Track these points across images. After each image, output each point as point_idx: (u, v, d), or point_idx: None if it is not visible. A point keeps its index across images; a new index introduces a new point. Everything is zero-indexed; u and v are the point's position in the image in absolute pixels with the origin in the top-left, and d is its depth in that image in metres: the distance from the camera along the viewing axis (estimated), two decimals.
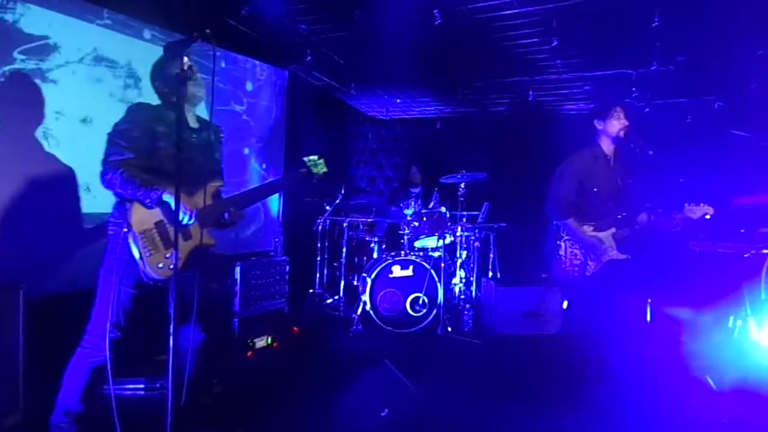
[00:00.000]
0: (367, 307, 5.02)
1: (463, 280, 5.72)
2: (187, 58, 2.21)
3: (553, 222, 3.48)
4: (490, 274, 5.88)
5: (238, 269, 4.49)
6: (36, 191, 3.71)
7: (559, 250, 3.42)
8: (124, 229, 2.38)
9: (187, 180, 2.42)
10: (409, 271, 5.14)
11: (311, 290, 6.05)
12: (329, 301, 5.84)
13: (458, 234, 5.55)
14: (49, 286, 3.60)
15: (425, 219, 5.43)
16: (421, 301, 5.07)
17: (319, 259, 6.07)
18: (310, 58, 5.52)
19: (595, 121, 3.45)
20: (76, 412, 2.48)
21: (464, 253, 5.70)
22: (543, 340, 4.82)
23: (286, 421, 3.08)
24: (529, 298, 5.00)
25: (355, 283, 5.68)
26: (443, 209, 5.47)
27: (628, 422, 3.05)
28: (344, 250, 5.79)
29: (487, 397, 3.50)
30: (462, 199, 5.49)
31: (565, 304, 4.95)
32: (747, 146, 4.08)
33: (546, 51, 4.94)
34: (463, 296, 5.68)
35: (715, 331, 3.80)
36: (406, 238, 5.47)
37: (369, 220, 6.08)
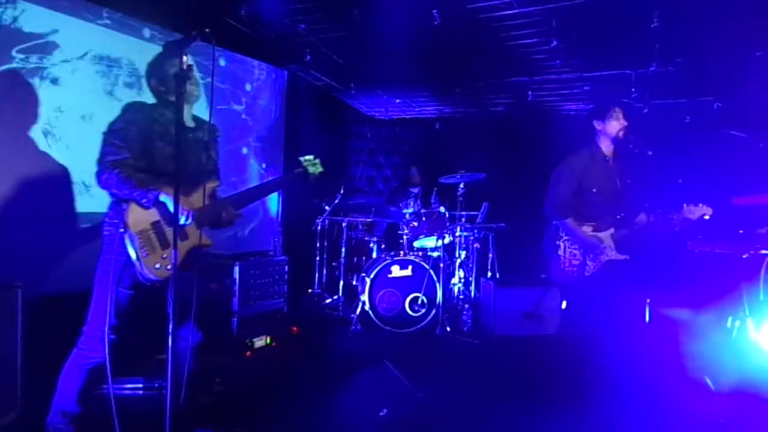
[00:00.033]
0: (366, 307, 5.01)
1: (462, 280, 5.73)
2: (186, 57, 2.19)
3: (552, 222, 3.48)
4: (489, 274, 5.89)
5: (237, 269, 4.48)
6: (34, 190, 3.70)
7: (558, 250, 3.42)
8: (120, 230, 2.36)
9: (183, 180, 2.39)
10: (408, 271, 5.14)
11: (310, 290, 6.05)
12: (328, 300, 5.83)
13: (457, 234, 5.56)
14: (48, 286, 3.60)
15: (424, 219, 5.43)
16: (420, 301, 5.07)
17: (318, 258, 6.07)
18: (309, 58, 5.52)
19: (594, 122, 3.45)
20: (73, 413, 2.47)
21: (463, 253, 5.70)
22: (542, 340, 4.83)
23: (286, 420, 3.08)
24: (527, 298, 5.01)
25: (354, 282, 5.68)
26: (442, 209, 5.48)
27: (627, 422, 3.05)
28: (343, 249, 5.80)
29: (486, 396, 3.50)
30: (461, 199, 5.49)
31: (564, 305, 4.96)
32: (746, 147, 4.08)
33: (545, 51, 4.94)
34: (461, 296, 5.69)
35: (714, 332, 3.80)
36: (405, 238, 5.47)
37: (368, 220, 6.07)
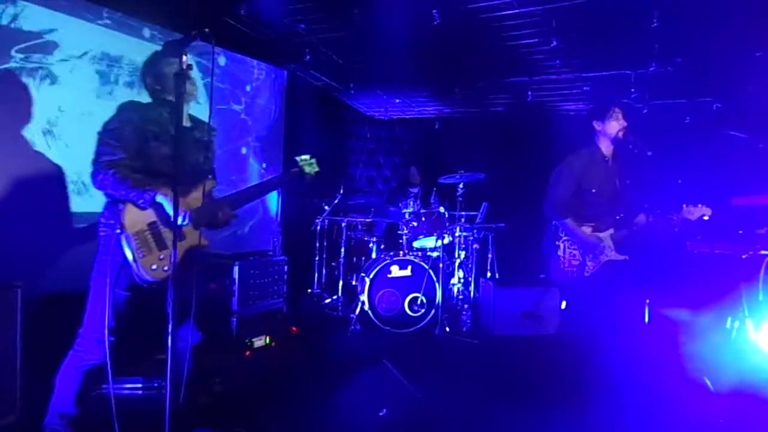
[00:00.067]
0: (366, 307, 5.01)
1: (462, 281, 5.73)
2: (186, 57, 2.18)
3: (552, 222, 3.48)
4: (489, 275, 5.89)
5: (236, 269, 4.48)
6: (34, 190, 3.70)
7: (557, 250, 3.42)
8: (116, 231, 2.33)
9: (180, 180, 2.36)
10: (407, 271, 5.14)
11: (309, 290, 6.05)
12: (328, 300, 5.83)
13: (457, 234, 5.56)
14: (47, 286, 3.59)
15: (424, 219, 5.42)
16: (419, 301, 5.07)
17: (317, 258, 6.07)
18: (308, 58, 5.52)
19: (594, 122, 3.45)
20: (71, 415, 2.44)
21: (462, 254, 5.70)
22: (541, 340, 4.82)
23: (285, 420, 3.08)
24: (527, 299, 5.01)
25: (354, 283, 5.68)
26: (442, 209, 5.48)
27: (626, 423, 3.05)
28: (343, 249, 5.79)
29: (485, 397, 3.50)
30: (460, 200, 5.48)
31: (564, 305, 4.96)
32: (745, 147, 4.08)
33: (545, 51, 4.94)
34: (461, 296, 5.69)
35: (713, 333, 3.81)
36: (404, 238, 5.47)
37: (367, 220, 6.07)
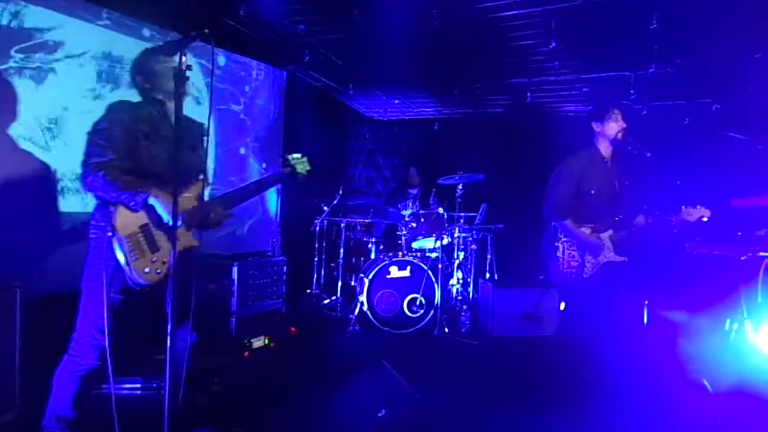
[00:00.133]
0: (365, 308, 5.01)
1: (461, 281, 5.73)
2: (185, 57, 2.17)
3: (551, 224, 3.48)
4: (488, 276, 5.89)
5: (235, 269, 4.47)
6: (33, 190, 3.70)
7: (556, 251, 3.42)
8: (108, 234, 2.27)
9: (171, 179, 2.31)
10: (406, 272, 5.14)
11: (308, 290, 6.05)
12: (326, 301, 5.83)
13: (456, 235, 5.56)
14: (47, 286, 3.59)
15: (423, 220, 5.43)
16: (418, 302, 5.06)
17: (316, 259, 6.07)
18: (308, 59, 5.52)
19: (593, 123, 3.45)
20: (69, 419, 2.41)
21: (461, 254, 5.71)
22: (540, 341, 4.83)
23: (284, 420, 3.08)
24: (526, 300, 5.01)
25: (353, 283, 5.68)
26: (441, 210, 5.48)
27: (625, 424, 3.05)
28: (342, 250, 5.79)
29: (484, 398, 3.50)
30: (459, 201, 5.48)
31: (563, 306, 4.96)
32: (744, 149, 4.09)
33: (544, 52, 4.94)
34: (460, 297, 5.69)
35: (712, 334, 3.81)
36: (403, 238, 5.47)
37: (366, 221, 6.07)
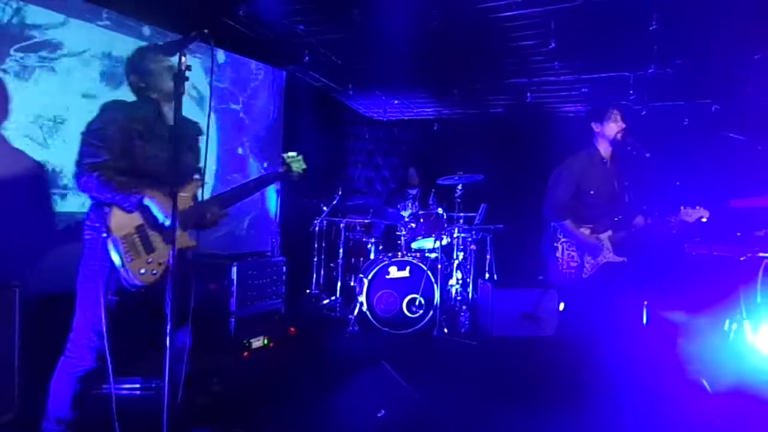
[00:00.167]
0: (364, 308, 5.01)
1: (460, 282, 5.73)
2: (185, 58, 2.16)
3: (551, 224, 3.48)
4: (487, 276, 5.89)
5: (234, 269, 4.47)
6: (32, 189, 3.70)
7: (555, 252, 3.42)
8: (103, 235, 2.25)
9: (167, 180, 2.31)
10: (405, 273, 5.14)
11: (308, 291, 6.05)
12: (326, 301, 5.83)
13: (455, 235, 5.56)
14: (46, 285, 3.58)
15: (422, 220, 5.43)
16: (417, 303, 5.06)
17: (315, 259, 6.07)
18: (307, 59, 5.51)
19: (593, 124, 3.45)
20: (68, 420, 2.39)
21: (461, 255, 5.71)
22: (539, 341, 4.83)
23: (283, 421, 3.08)
24: (525, 300, 5.01)
25: (352, 283, 5.68)
26: (440, 210, 5.48)
27: (624, 424, 3.05)
28: (341, 250, 5.79)
29: (483, 398, 3.50)
30: (459, 201, 5.48)
31: (562, 306, 4.96)
32: (744, 149, 4.09)
33: (544, 53, 4.94)
34: (459, 298, 5.69)
35: (711, 334, 3.81)
36: (403, 239, 5.47)
37: (366, 221, 6.07)
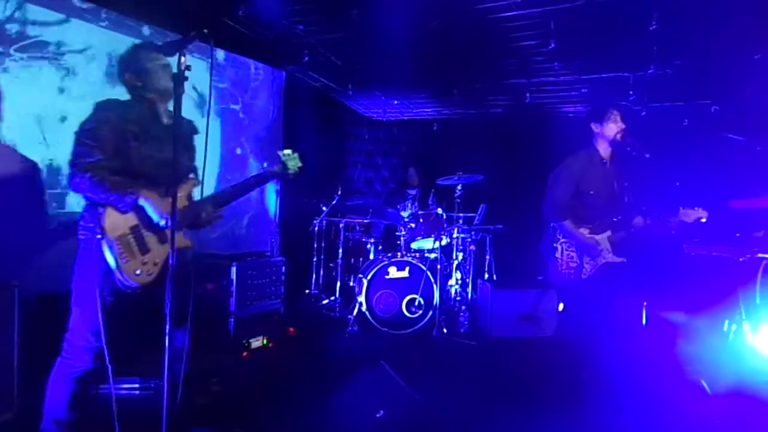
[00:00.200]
0: (363, 308, 5.01)
1: (459, 282, 5.73)
2: (184, 57, 2.14)
3: (550, 224, 3.48)
4: (486, 276, 5.89)
5: (234, 269, 4.47)
6: (30, 189, 3.69)
7: (555, 252, 3.42)
8: (97, 236, 2.23)
9: (161, 180, 2.33)
10: (405, 273, 5.14)
11: (307, 291, 6.05)
12: (325, 301, 5.83)
13: (454, 236, 5.56)
14: (45, 285, 3.58)
15: (422, 220, 5.43)
16: (417, 303, 5.06)
17: (315, 259, 6.07)
18: (307, 59, 5.51)
19: (592, 124, 3.45)
20: (66, 420, 2.38)
21: (460, 255, 5.71)
22: (538, 342, 4.83)
23: (282, 421, 3.08)
24: (524, 301, 5.01)
25: (351, 284, 5.68)
26: (440, 211, 5.48)
27: (623, 425, 3.05)
28: (340, 251, 5.79)
29: (483, 398, 3.51)
30: (458, 201, 5.48)
31: (561, 307, 4.96)
32: (743, 150, 4.09)
33: (544, 53, 4.94)
34: (459, 298, 5.69)
35: (710, 335, 3.82)
36: (402, 239, 5.47)
37: (365, 221, 6.07)
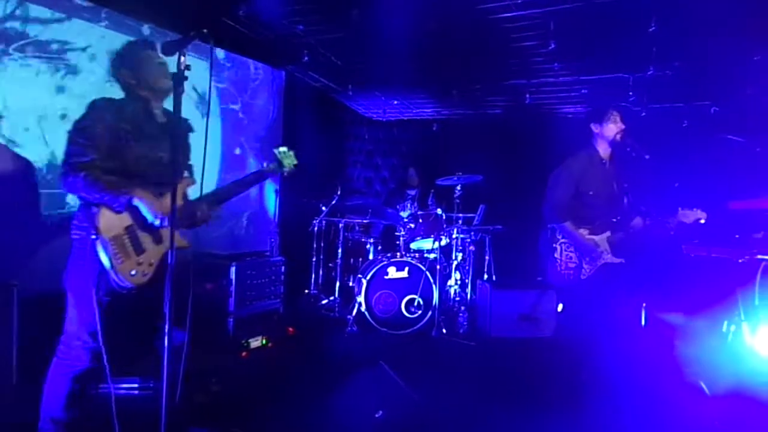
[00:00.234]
0: (363, 308, 5.01)
1: (459, 282, 5.73)
2: (184, 57, 2.14)
3: (550, 225, 3.48)
4: (486, 277, 5.89)
5: (233, 269, 4.47)
6: (29, 189, 3.69)
7: (554, 253, 3.42)
8: (92, 236, 2.21)
9: (156, 180, 2.32)
10: (404, 273, 5.14)
11: (306, 291, 6.04)
12: (324, 301, 5.83)
13: (454, 236, 5.56)
14: (44, 285, 3.58)
15: (421, 221, 5.43)
16: (416, 303, 5.06)
17: (314, 259, 6.07)
18: (307, 59, 5.51)
19: (592, 125, 3.45)
20: (63, 420, 2.37)
21: (460, 255, 5.71)
22: (538, 343, 4.83)
23: (281, 421, 3.08)
24: (524, 301, 5.01)
25: (351, 284, 5.68)
26: (439, 211, 5.48)
27: (622, 426, 3.05)
28: (340, 251, 5.79)
29: (482, 399, 3.51)
30: (458, 201, 5.48)
31: (560, 308, 4.96)
32: (743, 151, 4.10)
33: (543, 54, 4.94)
34: (458, 298, 5.69)
35: (709, 336, 3.82)
36: (401, 239, 5.47)
37: (365, 222, 6.07)
